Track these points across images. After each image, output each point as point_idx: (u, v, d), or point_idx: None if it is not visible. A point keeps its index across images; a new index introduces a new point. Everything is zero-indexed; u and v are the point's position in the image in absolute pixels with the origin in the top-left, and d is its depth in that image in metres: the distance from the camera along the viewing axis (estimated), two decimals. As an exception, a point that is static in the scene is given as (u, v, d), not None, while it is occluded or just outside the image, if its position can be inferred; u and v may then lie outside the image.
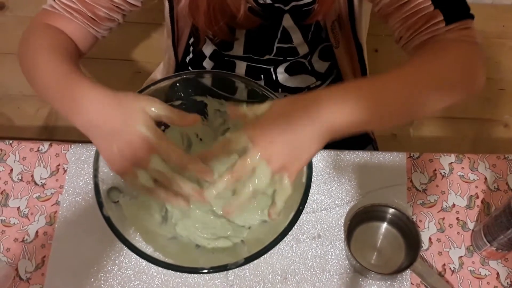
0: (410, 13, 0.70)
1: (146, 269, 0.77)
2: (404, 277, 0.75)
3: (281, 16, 0.83)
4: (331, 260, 0.77)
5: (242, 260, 0.62)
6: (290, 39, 0.87)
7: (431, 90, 0.65)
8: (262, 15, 0.79)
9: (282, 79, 0.96)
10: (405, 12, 0.70)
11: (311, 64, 0.95)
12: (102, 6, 0.74)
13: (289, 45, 0.88)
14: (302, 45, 0.89)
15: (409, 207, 0.80)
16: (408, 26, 0.71)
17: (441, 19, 0.68)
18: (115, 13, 0.76)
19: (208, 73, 0.76)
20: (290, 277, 0.76)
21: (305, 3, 0.80)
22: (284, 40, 0.87)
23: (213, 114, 0.80)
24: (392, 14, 0.72)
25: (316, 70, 0.96)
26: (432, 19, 0.68)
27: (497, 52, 1.76)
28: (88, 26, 0.75)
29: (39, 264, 0.78)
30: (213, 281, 0.76)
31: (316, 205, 0.80)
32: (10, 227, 0.80)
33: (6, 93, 1.72)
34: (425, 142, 1.60)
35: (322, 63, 0.96)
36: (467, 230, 0.79)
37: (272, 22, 0.84)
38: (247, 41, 0.86)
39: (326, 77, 1.00)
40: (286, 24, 0.84)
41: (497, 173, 0.83)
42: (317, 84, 1.00)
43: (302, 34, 0.87)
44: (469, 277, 0.76)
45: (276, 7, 0.80)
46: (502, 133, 1.63)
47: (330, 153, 0.84)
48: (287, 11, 0.82)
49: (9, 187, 0.83)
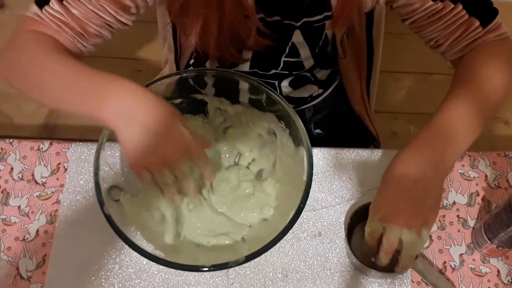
0: (448, 24, 0.72)
1: (147, 267, 0.77)
2: (405, 275, 0.75)
3: (291, 32, 0.82)
4: (332, 258, 0.77)
5: (242, 258, 0.62)
6: (298, 54, 0.86)
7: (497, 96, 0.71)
8: (271, 36, 0.78)
9: (286, 92, 0.96)
10: (443, 24, 0.73)
11: (314, 75, 0.95)
12: (93, 23, 0.71)
13: (296, 59, 0.87)
14: (309, 59, 0.89)
15: (410, 205, 0.80)
16: (446, 35, 0.74)
17: (478, 25, 0.72)
18: (105, 30, 0.73)
19: (210, 71, 0.76)
20: (291, 275, 0.76)
21: (317, 19, 0.79)
22: (291, 55, 0.86)
23: (214, 112, 0.80)
24: (427, 26, 0.74)
25: (318, 79, 0.96)
26: (470, 26, 0.72)
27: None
28: (77, 41, 0.72)
29: (40, 263, 0.78)
30: (214, 279, 0.76)
31: (317, 203, 0.80)
32: (10, 225, 0.80)
33: (5, 92, 1.72)
34: (426, 140, 1.60)
35: (324, 72, 0.96)
36: (467, 227, 0.79)
37: (281, 39, 0.83)
38: (254, 58, 0.85)
39: (328, 84, 1.00)
40: (295, 40, 0.84)
41: (497, 170, 0.83)
42: (319, 93, 1.00)
43: (310, 49, 0.86)
44: (469, 274, 0.76)
45: (286, 23, 0.79)
46: (503, 130, 1.63)
47: (330, 151, 0.84)
48: (298, 27, 0.81)
49: (10, 185, 0.83)
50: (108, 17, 0.71)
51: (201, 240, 0.74)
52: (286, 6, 0.77)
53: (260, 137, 0.80)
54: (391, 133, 1.61)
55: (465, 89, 0.70)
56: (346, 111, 1.01)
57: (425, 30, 0.75)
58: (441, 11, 0.72)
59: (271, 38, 0.77)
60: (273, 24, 0.78)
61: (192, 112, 0.80)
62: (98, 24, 0.72)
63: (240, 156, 0.82)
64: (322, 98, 1.02)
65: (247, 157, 0.81)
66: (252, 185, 0.78)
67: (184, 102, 0.77)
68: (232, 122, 0.81)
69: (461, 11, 0.71)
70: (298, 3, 0.76)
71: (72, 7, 0.70)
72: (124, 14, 0.72)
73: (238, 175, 0.79)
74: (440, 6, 0.71)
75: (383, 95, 1.70)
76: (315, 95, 1.00)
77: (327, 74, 0.97)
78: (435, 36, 0.75)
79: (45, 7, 0.70)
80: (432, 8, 0.72)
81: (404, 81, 1.70)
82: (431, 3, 0.71)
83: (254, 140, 0.80)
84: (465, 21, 0.72)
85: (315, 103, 1.02)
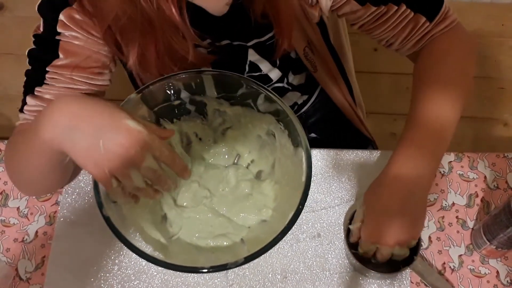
0: (395, 24, 0.74)
1: (146, 268, 0.77)
2: (404, 276, 0.75)
3: (245, 51, 0.81)
4: (331, 259, 0.77)
5: (242, 260, 0.62)
6: (259, 68, 0.86)
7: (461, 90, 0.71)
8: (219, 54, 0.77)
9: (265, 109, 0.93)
10: (390, 26, 0.74)
11: (290, 84, 0.93)
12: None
13: (259, 73, 0.86)
14: (274, 71, 0.88)
15: (409, 206, 0.80)
16: (396, 35, 0.75)
17: (425, 20, 0.73)
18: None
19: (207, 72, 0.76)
20: (290, 276, 0.76)
21: (268, 37, 0.79)
22: (253, 70, 0.85)
23: (213, 113, 0.80)
24: (375, 29, 0.75)
25: (296, 85, 0.95)
26: (417, 23, 0.73)
27: (496, 51, 1.76)
28: None
29: (39, 264, 0.78)
30: (213, 280, 0.76)
31: (316, 204, 0.80)
32: (9, 227, 0.80)
33: (5, 93, 1.72)
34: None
35: (299, 76, 0.94)
36: (466, 228, 0.79)
37: (237, 58, 0.82)
38: (216, 81, 0.78)
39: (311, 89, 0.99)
40: (252, 58, 0.83)
41: (496, 171, 0.83)
42: (305, 99, 0.99)
43: (270, 63, 0.85)
44: (469, 275, 0.76)
45: (236, 45, 0.79)
46: (502, 131, 1.63)
47: (329, 152, 0.84)
48: (251, 47, 0.81)
49: (9, 187, 0.83)
50: (81, 86, 0.71)
51: (200, 242, 0.74)
52: (232, 30, 0.77)
53: (259, 138, 0.80)
54: (390, 134, 1.61)
55: (433, 89, 0.71)
56: (337, 114, 1.01)
57: (374, 32, 0.76)
58: (385, 14, 0.73)
59: (220, 56, 0.77)
60: (224, 47, 0.78)
61: (190, 114, 0.80)
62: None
63: (239, 157, 0.82)
64: (310, 104, 1.02)
65: (246, 158, 0.81)
66: (251, 185, 0.78)
67: (182, 104, 0.77)
68: (231, 123, 0.81)
69: (405, 10, 0.72)
70: (244, 26, 0.75)
71: (44, 94, 0.71)
72: (96, 77, 0.72)
73: (237, 174, 0.79)
74: (384, 9, 0.72)
75: (381, 96, 1.71)
76: (301, 102, 0.99)
77: (304, 77, 0.95)
78: (385, 37, 0.76)
79: (24, 108, 0.72)
80: (376, 13, 0.73)
81: (402, 82, 1.71)
82: (374, 9, 0.72)
83: (253, 141, 0.80)
84: (412, 19, 0.73)
85: (304, 110, 1.02)
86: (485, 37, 1.78)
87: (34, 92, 0.71)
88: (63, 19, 0.68)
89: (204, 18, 0.73)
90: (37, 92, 0.71)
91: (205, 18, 0.73)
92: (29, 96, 0.71)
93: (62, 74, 0.70)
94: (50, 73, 0.70)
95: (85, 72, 0.71)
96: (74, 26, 0.68)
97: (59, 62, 0.70)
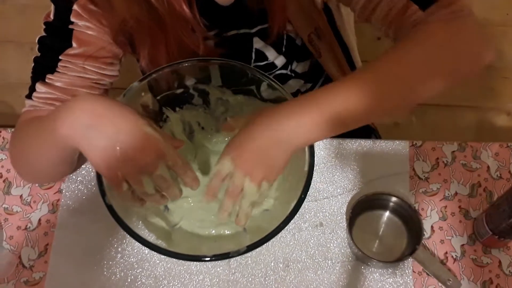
0: (386, 10, 0.68)
1: (149, 257, 0.77)
2: (406, 265, 0.75)
3: (250, 40, 0.81)
4: (333, 248, 0.77)
5: (244, 248, 0.62)
6: (266, 57, 0.85)
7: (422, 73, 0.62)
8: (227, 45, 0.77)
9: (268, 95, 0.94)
10: (382, 11, 0.69)
11: (293, 71, 0.93)
12: (80, 86, 0.71)
13: (265, 62, 0.86)
14: (279, 58, 0.87)
15: (412, 196, 0.80)
16: (389, 22, 0.70)
17: (416, 8, 0.66)
18: (95, 90, 0.73)
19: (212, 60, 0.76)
20: (292, 265, 0.76)
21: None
22: (259, 59, 0.85)
23: (215, 102, 0.80)
24: (371, 16, 0.71)
25: (299, 72, 0.94)
26: (407, 11, 0.66)
27: (500, 40, 1.75)
28: None
29: (42, 252, 0.78)
30: (216, 268, 0.76)
31: (318, 193, 0.80)
32: (13, 215, 0.81)
33: (7, 81, 1.72)
34: (428, 131, 1.60)
35: (302, 64, 0.93)
36: (469, 218, 0.79)
37: (243, 47, 0.82)
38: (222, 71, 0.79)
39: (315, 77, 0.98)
40: (257, 46, 0.83)
41: (499, 161, 0.82)
42: (308, 88, 0.99)
43: (276, 50, 0.85)
44: (471, 265, 0.76)
45: (242, 33, 0.79)
46: (505, 121, 1.63)
47: (332, 142, 0.84)
48: (255, 34, 0.80)
49: (12, 175, 0.83)
50: (92, 75, 0.72)
51: (202, 231, 0.74)
52: (238, 19, 0.76)
53: (261, 127, 0.80)
54: (393, 124, 1.61)
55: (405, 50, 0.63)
56: None
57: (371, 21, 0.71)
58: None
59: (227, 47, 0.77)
60: (230, 38, 0.78)
61: (193, 103, 0.80)
62: (86, 86, 0.72)
63: (241, 146, 0.81)
64: None
65: (248, 147, 0.81)
66: None
67: (185, 92, 0.76)
68: (233, 112, 0.80)
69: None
70: (248, 15, 0.75)
71: (55, 81, 0.71)
72: (107, 67, 0.73)
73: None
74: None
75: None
76: (304, 91, 0.99)
77: (307, 65, 0.95)
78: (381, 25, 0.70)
79: (34, 94, 0.72)
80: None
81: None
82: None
83: (256, 130, 0.80)
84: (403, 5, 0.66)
85: None
86: (489, 26, 1.77)
87: (45, 80, 0.71)
88: (77, 8, 0.68)
89: (212, 10, 0.73)
90: (48, 80, 0.71)
91: (213, 9, 0.73)
92: (39, 83, 0.71)
93: (74, 63, 0.70)
94: (63, 61, 0.70)
95: (98, 62, 0.71)
96: (88, 16, 0.69)
97: (72, 51, 0.70)
